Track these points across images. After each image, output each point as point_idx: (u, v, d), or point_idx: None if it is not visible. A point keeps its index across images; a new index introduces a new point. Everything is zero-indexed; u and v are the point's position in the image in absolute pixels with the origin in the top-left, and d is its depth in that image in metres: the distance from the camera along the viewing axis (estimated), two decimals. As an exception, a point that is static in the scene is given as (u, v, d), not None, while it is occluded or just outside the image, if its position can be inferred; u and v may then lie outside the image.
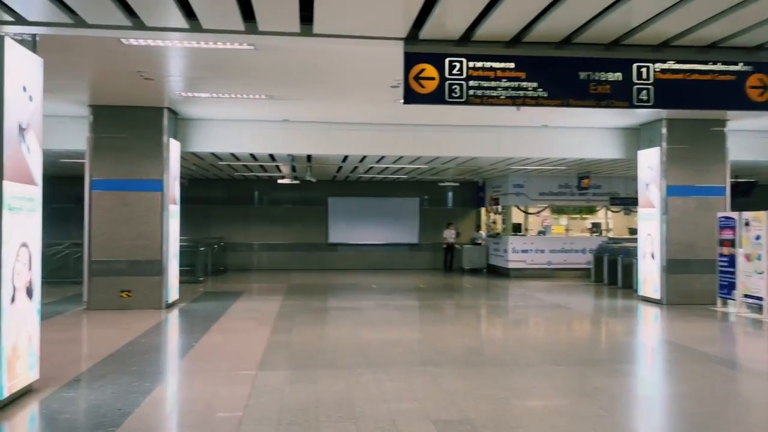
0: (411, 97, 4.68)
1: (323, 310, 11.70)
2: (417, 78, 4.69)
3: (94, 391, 5.65)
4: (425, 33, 4.70)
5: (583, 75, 4.91)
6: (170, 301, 11.11)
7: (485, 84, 4.74)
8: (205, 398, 5.44)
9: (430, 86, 4.70)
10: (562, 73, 4.91)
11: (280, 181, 18.36)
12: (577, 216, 19.94)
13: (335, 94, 9.80)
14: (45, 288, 13.19)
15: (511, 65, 4.82)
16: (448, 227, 19.96)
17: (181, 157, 12.17)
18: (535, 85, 4.86)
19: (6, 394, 4.99)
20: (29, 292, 5.44)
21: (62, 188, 16.72)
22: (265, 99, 9.98)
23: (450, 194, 21.65)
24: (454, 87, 4.72)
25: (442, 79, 4.71)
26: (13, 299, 5.10)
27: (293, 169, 15.85)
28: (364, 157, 14.13)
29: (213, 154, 13.43)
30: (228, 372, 6.41)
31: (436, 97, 4.68)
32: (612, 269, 15.27)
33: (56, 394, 5.48)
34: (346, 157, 14.29)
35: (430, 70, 4.70)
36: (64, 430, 4.60)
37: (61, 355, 7.04)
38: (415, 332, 9.23)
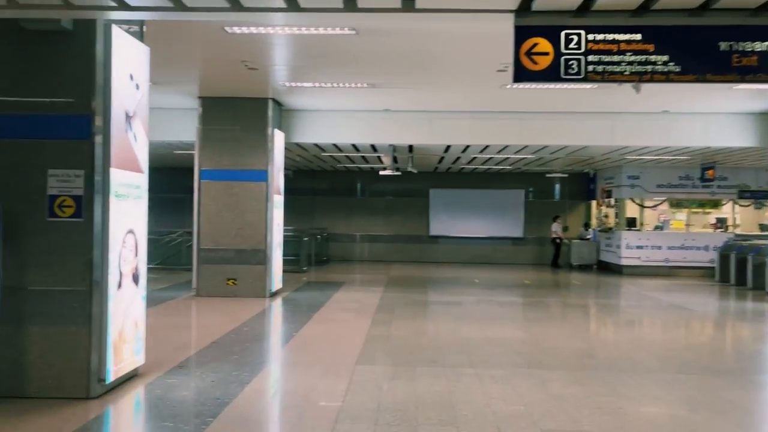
0: (522, 74, 4.25)
1: (423, 303, 11.42)
2: (529, 54, 4.26)
3: (195, 378, 5.68)
4: (539, 3, 4.26)
5: (724, 45, 4.27)
6: (274, 289, 11.25)
7: (606, 58, 4.22)
8: (303, 392, 5.31)
9: (544, 62, 4.25)
10: (699, 44, 4.28)
11: (381, 172, 18.28)
12: (699, 210, 18.45)
13: (438, 81, 9.45)
14: (160, 274, 13.90)
15: (638, 37, 4.27)
16: (555, 220, 19.05)
17: (285, 148, 12.29)
18: (665, 58, 4.27)
19: (112, 378, 5.08)
20: (135, 279, 5.53)
21: (177, 178, 17.47)
22: (367, 87, 9.81)
23: (557, 186, 20.69)
24: (570, 62, 4.24)
25: (558, 53, 4.24)
26: (119, 285, 5.18)
27: (395, 159, 15.66)
28: (467, 146, 13.68)
29: (316, 144, 13.49)
30: (326, 365, 6.27)
31: (550, 74, 4.23)
32: (740, 268, 13.90)
33: (160, 379, 5.54)
34: (448, 147, 13.90)
35: (543, 45, 4.25)
36: (164, 418, 4.59)
37: (168, 341, 7.20)
38: (520, 331, 8.74)
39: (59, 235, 4.90)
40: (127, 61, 5.27)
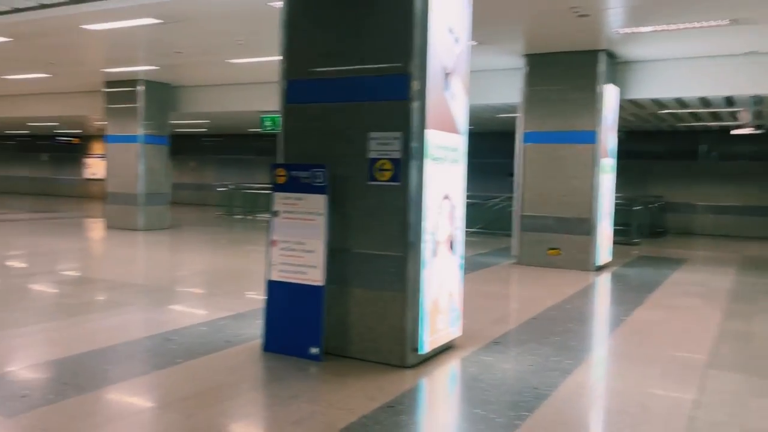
0: None
1: (795, 293, 9.12)
2: None
3: (511, 359, 5.18)
4: None
5: None
6: (600, 263, 10.24)
7: None
8: (636, 395, 4.39)
9: None
10: None
11: (733, 131, 15.36)
12: None
13: (834, 6, 7.17)
14: (482, 238, 13.93)
15: None
16: None
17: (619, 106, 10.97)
18: None
19: (427, 348, 4.87)
20: (452, 247, 5.23)
21: (502, 142, 17.30)
22: (727, 25, 7.97)
23: None
24: None
25: None
26: (434, 252, 4.92)
27: (756, 115, 12.90)
28: None
29: (654, 100, 11.79)
30: (666, 363, 5.19)
31: None
32: None
33: (475, 356, 5.19)
34: (838, 96, 10.83)
35: None
36: (475, 403, 4.18)
37: (485, 312, 6.88)
38: None
39: (377, 200, 4.81)
40: (447, 13, 4.89)
